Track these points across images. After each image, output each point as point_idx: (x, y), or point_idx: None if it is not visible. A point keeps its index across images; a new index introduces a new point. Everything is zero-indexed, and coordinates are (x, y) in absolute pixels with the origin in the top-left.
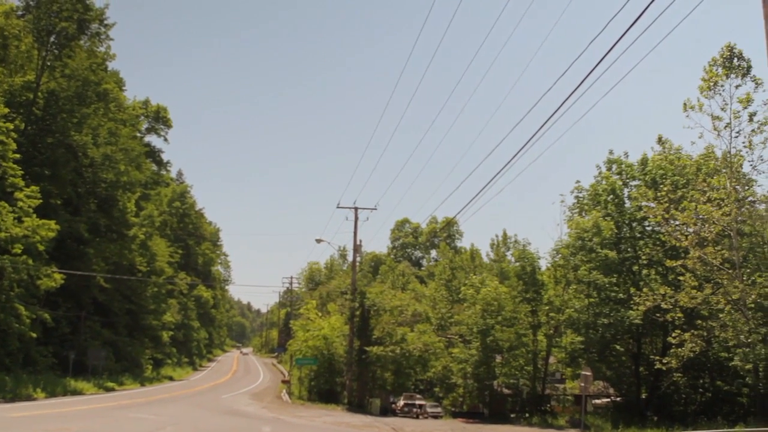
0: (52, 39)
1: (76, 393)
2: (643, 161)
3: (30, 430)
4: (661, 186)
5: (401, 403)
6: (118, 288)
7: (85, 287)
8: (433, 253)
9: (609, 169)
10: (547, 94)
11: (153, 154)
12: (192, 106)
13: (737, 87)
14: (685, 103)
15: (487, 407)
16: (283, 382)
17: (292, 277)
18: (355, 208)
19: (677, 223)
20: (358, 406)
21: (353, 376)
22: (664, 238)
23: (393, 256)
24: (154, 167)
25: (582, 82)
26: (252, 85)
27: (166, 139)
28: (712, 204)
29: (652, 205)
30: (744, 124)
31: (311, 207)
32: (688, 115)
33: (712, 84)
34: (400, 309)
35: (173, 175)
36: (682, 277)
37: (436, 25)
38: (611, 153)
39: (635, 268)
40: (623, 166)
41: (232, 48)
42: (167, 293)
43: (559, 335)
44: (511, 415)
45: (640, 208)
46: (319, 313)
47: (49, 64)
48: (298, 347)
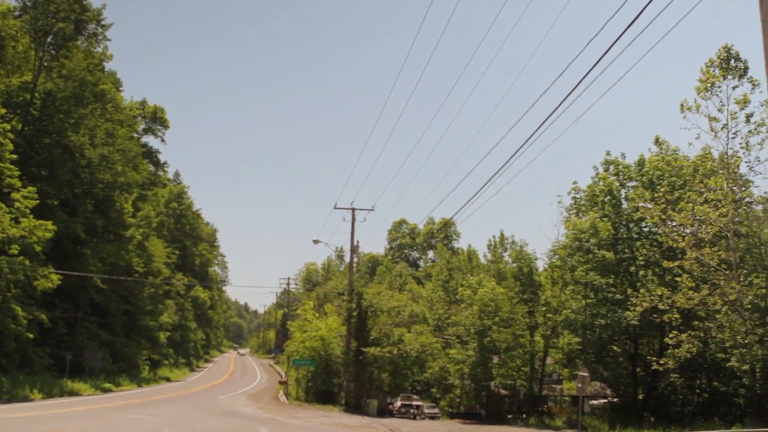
0: (49, 39)
1: (73, 394)
2: (640, 162)
3: (27, 431)
4: (658, 187)
5: (398, 403)
6: (115, 289)
7: (82, 288)
8: (431, 254)
9: (606, 170)
10: (544, 95)
11: (150, 154)
12: (189, 107)
13: (734, 88)
14: (682, 104)
15: (484, 408)
16: (280, 383)
17: (289, 278)
18: (353, 209)
19: (674, 224)
20: (355, 407)
21: (350, 376)
22: (661, 239)
23: (390, 257)
24: (151, 168)
25: (579, 83)
26: (249, 85)
27: (163, 140)
28: (709, 205)
29: (649, 206)
30: (741, 125)
31: (308, 208)
32: (685, 116)
33: (709, 85)
34: (398, 310)
35: (170, 175)
36: (679, 278)
37: (433, 26)
38: (608, 154)
39: (632, 269)
40: (620, 167)
41: (229, 49)
42: (164, 294)
43: (556, 336)
44: (508, 416)
45: (637, 209)
46: (316, 314)
47: (46, 64)
48: (295, 348)
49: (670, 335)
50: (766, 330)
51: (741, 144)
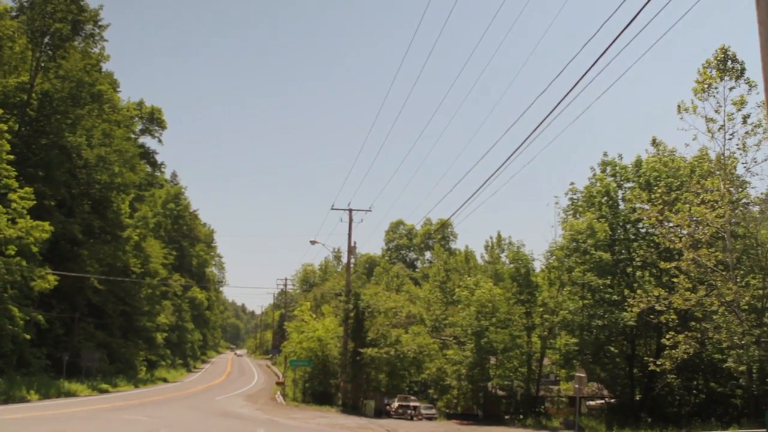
0: (46, 40)
1: (70, 395)
2: (637, 163)
3: None
4: (655, 188)
5: (395, 404)
6: (112, 289)
7: (79, 289)
8: (428, 254)
9: (603, 171)
10: (542, 96)
11: (147, 155)
12: (187, 108)
13: (731, 89)
14: (679, 105)
15: (482, 409)
16: (278, 383)
17: (286, 279)
18: (350, 210)
19: (671, 225)
20: (353, 408)
21: (347, 377)
22: (658, 240)
23: (387, 258)
24: (149, 169)
25: (576, 84)
26: (247, 86)
27: (160, 141)
28: (706, 206)
29: (646, 207)
30: (738, 126)
31: (306, 209)
32: (682, 117)
33: (706, 86)
34: (395, 311)
35: (167, 176)
36: (676, 279)
37: (431, 27)
38: (605, 155)
39: (629, 269)
40: (617, 168)
41: (227, 50)
42: (161, 295)
43: (553, 337)
44: (506, 417)
45: (634, 210)
46: (314, 315)
47: (43, 65)
48: (293, 349)
49: (667, 336)
50: (762, 331)
51: (738, 145)
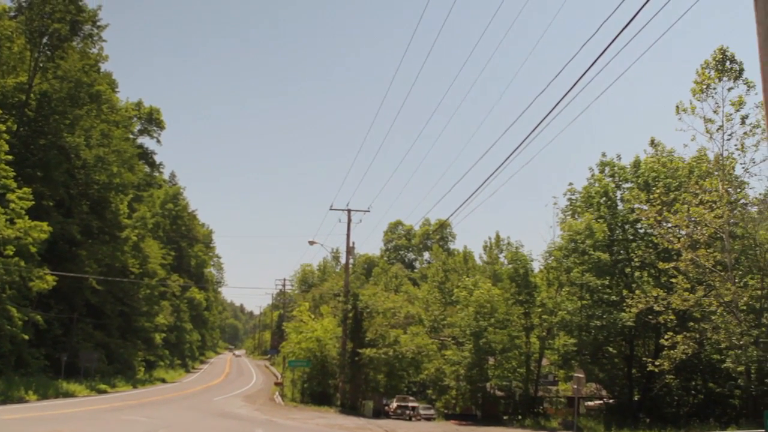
0: (45, 40)
1: (69, 395)
2: (636, 164)
3: None
4: (654, 188)
5: (394, 405)
6: (111, 290)
7: (78, 289)
8: (426, 255)
9: (602, 171)
10: (540, 97)
11: (146, 155)
12: (185, 108)
13: (729, 90)
14: (677, 106)
15: (480, 409)
16: (276, 384)
17: (284, 279)
18: (348, 210)
19: (669, 225)
20: (351, 408)
21: (346, 378)
22: (656, 241)
23: (386, 258)
24: (147, 169)
25: (575, 84)
26: (245, 87)
27: (159, 141)
28: (705, 206)
29: (645, 207)
30: (736, 127)
31: (304, 209)
32: (680, 118)
33: (705, 87)
34: (393, 311)
35: (166, 176)
36: (674, 280)
37: (429, 27)
38: (604, 155)
39: (628, 270)
40: (616, 168)
41: (225, 51)
42: (160, 295)
43: (551, 337)
44: (504, 417)
45: (632, 211)
46: (312, 315)
47: (41, 65)
48: (291, 349)
49: (666, 336)
50: (761, 331)
51: (736, 145)
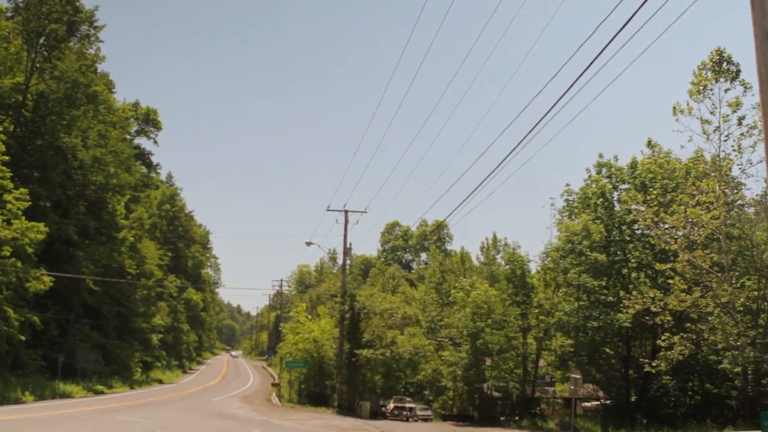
0: (42, 41)
1: (65, 396)
2: (633, 165)
3: None
4: (651, 189)
5: (391, 406)
6: (108, 291)
7: (75, 290)
8: (423, 256)
9: (599, 172)
10: (538, 97)
11: (143, 156)
12: (182, 109)
13: (726, 91)
14: (674, 107)
15: (477, 410)
16: (273, 385)
17: (282, 280)
18: (345, 211)
19: (666, 226)
20: (348, 409)
21: (343, 379)
22: (653, 242)
23: (383, 259)
24: (144, 170)
25: (573, 85)
26: (242, 87)
27: (156, 142)
28: (702, 207)
29: (642, 208)
30: (733, 128)
31: (301, 210)
32: (677, 119)
33: (702, 88)
34: (390, 312)
35: (163, 177)
36: (671, 281)
37: (426, 28)
38: (601, 156)
39: (625, 271)
40: (613, 169)
41: (223, 51)
42: (157, 296)
43: (548, 338)
44: (501, 418)
45: (629, 212)
46: (309, 316)
47: (38, 65)
48: (288, 350)
49: (663, 337)
50: (758, 332)
51: (733, 146)
